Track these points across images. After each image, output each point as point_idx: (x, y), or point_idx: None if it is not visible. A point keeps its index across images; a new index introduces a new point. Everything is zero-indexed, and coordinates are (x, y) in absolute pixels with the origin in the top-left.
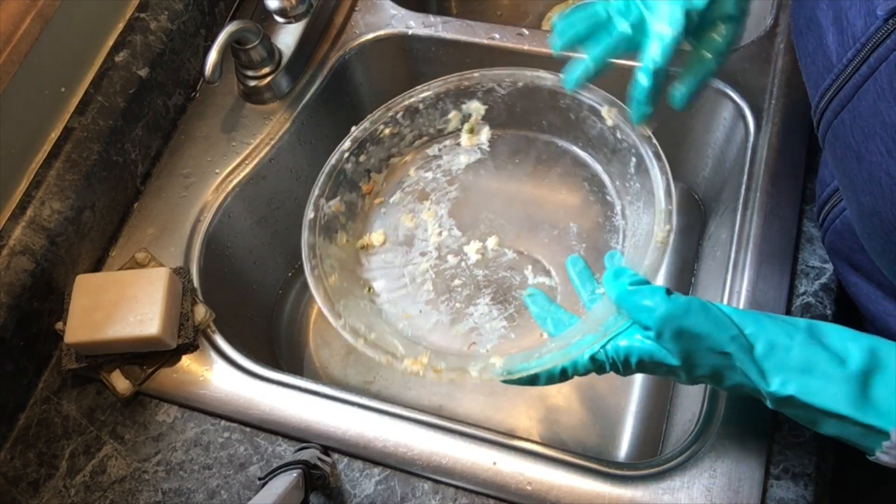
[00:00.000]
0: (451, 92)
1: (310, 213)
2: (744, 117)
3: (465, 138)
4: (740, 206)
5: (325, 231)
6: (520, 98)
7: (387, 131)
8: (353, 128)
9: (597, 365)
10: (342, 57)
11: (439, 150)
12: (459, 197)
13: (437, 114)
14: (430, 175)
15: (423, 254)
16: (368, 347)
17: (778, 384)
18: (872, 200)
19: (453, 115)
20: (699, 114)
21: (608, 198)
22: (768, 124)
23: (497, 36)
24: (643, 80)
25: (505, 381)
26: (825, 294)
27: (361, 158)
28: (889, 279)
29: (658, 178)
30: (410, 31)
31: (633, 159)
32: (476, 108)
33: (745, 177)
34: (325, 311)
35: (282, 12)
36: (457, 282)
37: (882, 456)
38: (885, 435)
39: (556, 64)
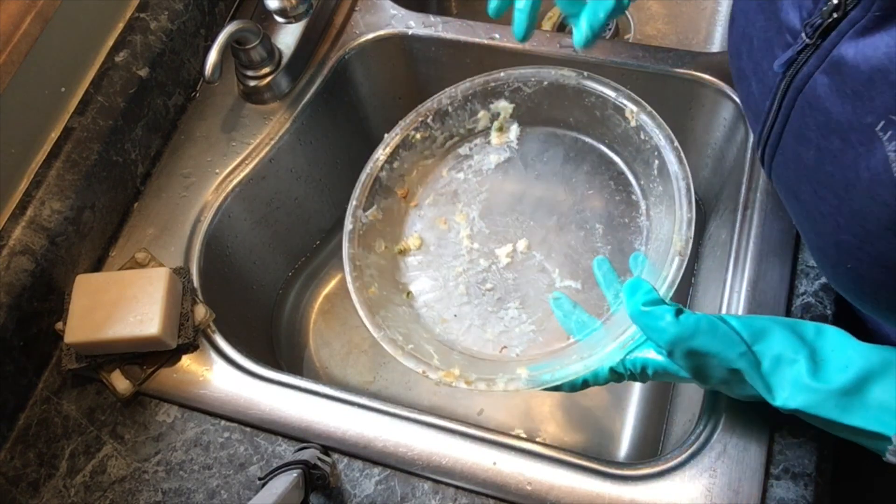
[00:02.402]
0: (479, 93)
1: (349, 225)
2: (744, 117)
3: (494, 136)
4: (740, 206)
5: (364, 240)
6: (546, 96)
7: (418, 136)
8: (386, 136)
9: (616, 376)
10: (342, 57)
11: (470, 149)
12: (490, 198)
13: (466, 114)
14: (461, 175)
15: (456, 257)
16: (406, 358)
17: (783, 399)
18: (815, 238)
19: (482, 115)
20: (699, 114)
21: (633, 197)
22: None
23: (497, 36)
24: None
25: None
26: (825, 294)
27: (395, 164)
28: None
29: (679, 184)
30: (410, 31)
31: (656, 161)
32: (504, 107)
33: (745, 177)
34: (368, 324)
35: (282, 12)
36: (488, 285)
37: (892, 458)
38: (888, 440)
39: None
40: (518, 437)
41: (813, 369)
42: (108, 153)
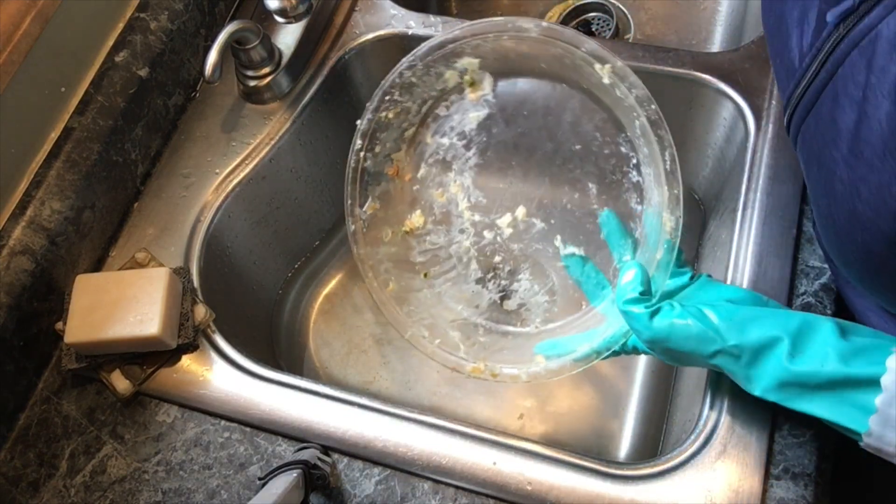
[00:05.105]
0: (439, 57)
1: (350, 226)
2: (744, 117)
3: (469, 92)
4: (740, 206)
5: (370, 236)
6: (510, 47)
7: (391, 115)
8: (357, 122)
9: (619, 354)
10: (342, 57)
11: (447, 108)
12: (480, 163)
13: (432, 79)
14: (446, 141)
15: (461, 231)
16: (436, 356)
17: (761, 391)
18: (828, 205)
19: (449, 75)
20: (699, 114)
21: (622, 149)
22: (768, 124)
23: None
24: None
25: None
26: (825, 294)
27: (377, 149)
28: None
29: (658, 155)
30: (410, 31)
31: (636, 122)
32: (469, 62)
33: (745, 177)
34: (395, 325)
35: (282, 12)
36: (497, 258)
37: (868, 439)
38: (858, 436)
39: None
40: (518, 437)
41: (790, 364)
42: (108, 153)
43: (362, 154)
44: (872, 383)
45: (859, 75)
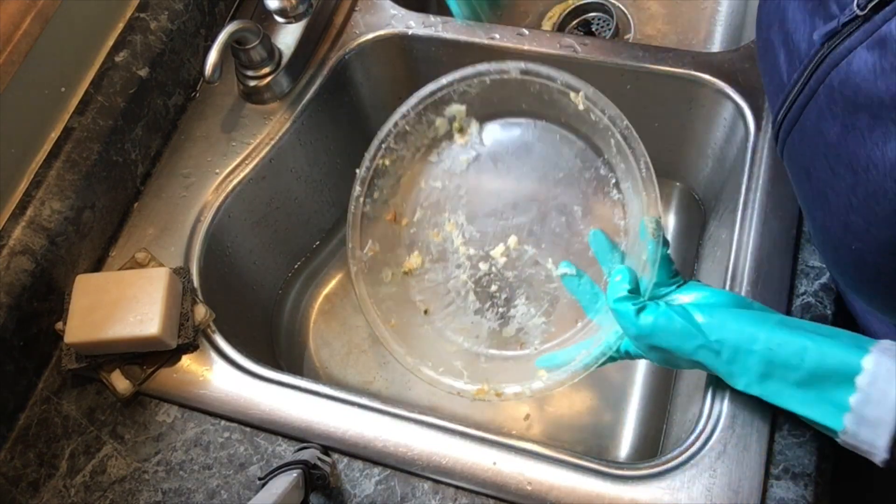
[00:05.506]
0: (429, 105)
1: (353, 268)
2: (744, 117)
3: (457, 137)
4: (740, 206)
5: (371, 277)
6: (493, 91)
7: (387, 161)
8: (357, 171)
9: (615, 360)
10: (342, 57)
11: (438, 154)
12: (471, 201)
13: (423, 127)
14: (439, 184)
15: (458, 266)
16: (439, 383)
17: (743, 385)
18: (822, 216)
19: (439, 122)
20: (699, 114)
21: (601, 172)
22: (768, 124)
23: (497, 36)
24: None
25: None
26: (825, 294)
27: (375, 195)
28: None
29: (633, 166)
30: (410, 31)
31: (612, 140)
32: (457, 109)
33: (745, 177)
34: (400, 360)
35: (282, 12)
36: (494, 287)
37: (843, 436)
38: (834, 433)
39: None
40: (518, 437)
41: (769, 361)
42: (108, 153)
43: (362, 200)
44: (848, 383)
45: (838, 92)
